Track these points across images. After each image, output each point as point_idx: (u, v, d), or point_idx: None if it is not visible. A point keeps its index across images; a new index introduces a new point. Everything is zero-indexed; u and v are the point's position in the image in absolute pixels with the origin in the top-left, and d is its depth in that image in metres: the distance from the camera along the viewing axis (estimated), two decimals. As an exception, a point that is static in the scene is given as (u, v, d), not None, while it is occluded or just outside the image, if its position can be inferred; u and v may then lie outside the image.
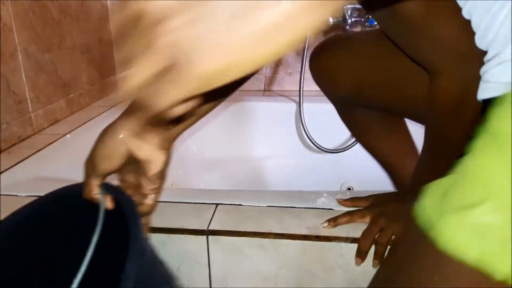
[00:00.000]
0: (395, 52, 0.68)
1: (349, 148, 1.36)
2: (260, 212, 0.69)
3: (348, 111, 0.80)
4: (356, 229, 0.63)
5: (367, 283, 0.64)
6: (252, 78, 1.57)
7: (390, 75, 0.69)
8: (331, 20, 1.37)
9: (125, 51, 0.26)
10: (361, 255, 0.61)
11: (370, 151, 0.82)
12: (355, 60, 0.72)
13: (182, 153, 1.40)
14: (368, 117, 0.77)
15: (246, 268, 0.66)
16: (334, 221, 0.65)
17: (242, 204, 0.71)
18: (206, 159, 1.44)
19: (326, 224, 0.65)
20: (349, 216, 0.65)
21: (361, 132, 0.79)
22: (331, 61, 0.74)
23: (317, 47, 0.79)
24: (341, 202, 0.69)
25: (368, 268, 0.63)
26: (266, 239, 0.64)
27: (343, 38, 0.76)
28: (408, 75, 0.68)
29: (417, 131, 0.78)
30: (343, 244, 0.63)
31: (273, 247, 0.64)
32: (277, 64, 1.55)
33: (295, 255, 0.64)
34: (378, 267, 0.61)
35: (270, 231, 0.64)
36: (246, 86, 1.56)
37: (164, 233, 0.66)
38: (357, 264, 0.62)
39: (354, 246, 0.62)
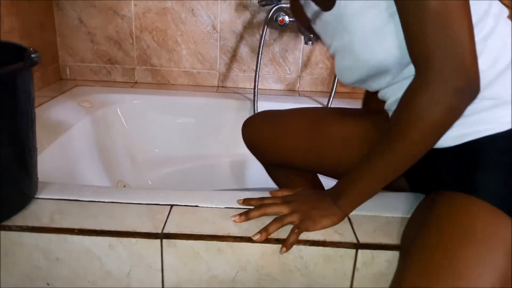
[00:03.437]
0: (316, 127, 0.81)
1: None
2: (218, 214, 0.66)
3: (272, 169, 0.93)
4: (316, 232, 0.63)
5: (325, 286, 0.64)
6: (206, 74, 1.54)
7: (309, 145, 0.81)
8: (287, 19, 1.36)
9: None
10: (264, 235, 0.61)
11: None
12: (279, 134, 0.83)
13: (128, 148, 1.33)
14: (288, 173, 0.90)
15: (202, 272, 0.63)
16: (245, 215, 0.65)
17: (199, 205, 0.68)
18: (155, 156, 1.39)
19: (236, 218, 0.64)
20: (263, 209, 0.65)
21: (283, 183, 0.93)
22: (258, 134, 0.86)
23: (248, 120, 0.89)
24: (240, 201, 0.69)
25: (327, 271, 0.63)
26: (224, 243, 0.61)
27: (270, 115, 0.86)
28: (325, 144, 0.79)
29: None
30: (302, 247, 0.62)
31: (231, 250, 0.62)
32: (231, 61, 1.52)
33: (254, 259, 0.62)
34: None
35: (228, 234, 0.62)
36: (200, 81, 1.54)
37: (113, 236, 0.62)
38: (255, 237, 0.61)
39: (313, 249, 0.62)
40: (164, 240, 0.61)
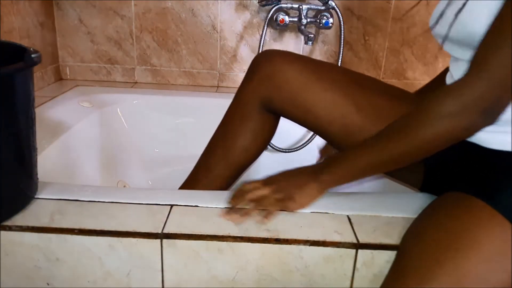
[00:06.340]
0: (342, 86, 0.74)
1: (301, 148, 1.37)
2: (218, 214, 0.66)
3: (264, 116, 0.87)
4: (316, 232, 0.63)
5: (325, 286, 0.64)
6: (206, 74, 1.54)
7: (342, 110, 0.73)
8: (287, 19, 1.36)
9: None
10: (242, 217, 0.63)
11: None
12: (305, 75, 0.75)
13: (128, 148, 1.33)
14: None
15: (202, 272, 0.63)
16: (236, 212, 0.65)
17: (199, 205, 0.68)
18: (155, 156, 1.39)
19: (230, 217, 0.65)
20: (247, 196, 0.66)
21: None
22: (286, 68, 0.77)
23: (274, 51, 0.83)
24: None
25: (327, 271, 0.63)
26: (224, 243, 0.61)
27: (303, 57, 0.80)
28: (337, 111, 0.73)
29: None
30: (302, 247, 0.62)
31: (231, 250, 0.62)
32: (231, 61, 1.52)
33: (254, 259, 0.62)
34: None
35: (228, 234, 0.62)
36: (200, 81, 1.53)
37: (113, 236, 0.62)
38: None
39: (313, 249, 0.62)
40: (164, 240, 0.61)
